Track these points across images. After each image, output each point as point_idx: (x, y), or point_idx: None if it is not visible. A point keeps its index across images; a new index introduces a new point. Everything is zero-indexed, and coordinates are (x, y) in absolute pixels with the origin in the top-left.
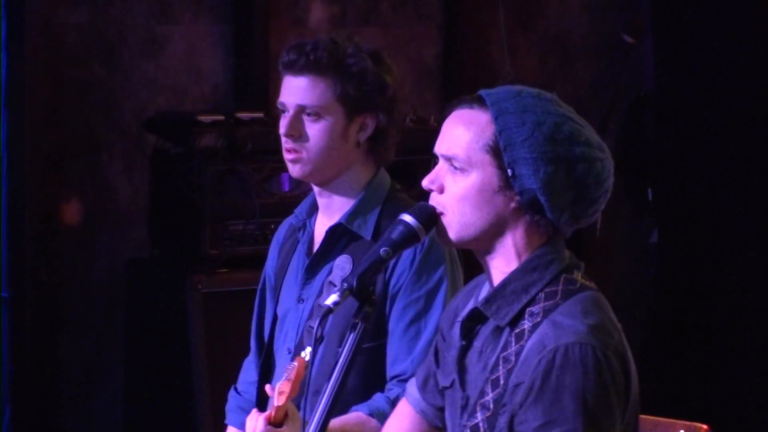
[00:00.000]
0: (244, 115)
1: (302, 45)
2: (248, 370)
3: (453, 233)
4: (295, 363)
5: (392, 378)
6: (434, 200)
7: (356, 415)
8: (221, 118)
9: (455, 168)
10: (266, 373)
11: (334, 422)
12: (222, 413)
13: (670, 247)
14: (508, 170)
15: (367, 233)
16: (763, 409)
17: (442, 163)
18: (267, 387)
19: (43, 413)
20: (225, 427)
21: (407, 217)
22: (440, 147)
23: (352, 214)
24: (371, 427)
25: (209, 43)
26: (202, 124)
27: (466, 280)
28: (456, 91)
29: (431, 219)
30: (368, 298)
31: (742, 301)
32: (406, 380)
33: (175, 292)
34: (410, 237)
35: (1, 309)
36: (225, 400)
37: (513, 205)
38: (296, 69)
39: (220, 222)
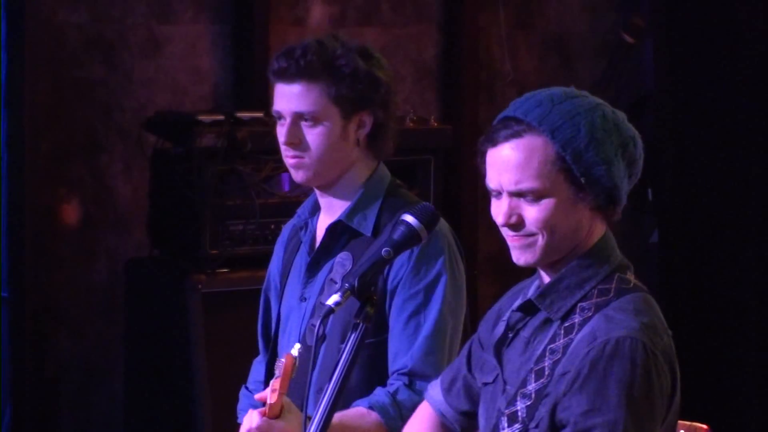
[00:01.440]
0: (244, 115)
1: (290, 51)
2: (258, 370)
3: (544, 255)
4: (283, 359)
5: (393, 372)
6: (519, 233)
7: (356, 409)
8: (221, 118)
9: (531, 199)
10: (272, 374)
11: (334, 417)
12: (222, 412)
13: (670, 247)
14: (582, 179)
15: (367, 230)
16: (763, 409)
17: (508, 197)
18: (257, 396)
19: (43, 413)
20: (237, 426)
21: (409, 218)
22: (505, 183)
23: (352, 211)
24: (371, 420)
25: (209, 43)
26: (202, 124)
27: (468, 275)
28: (456, 91)
29: (433, 219)
30: (369, 299)
31: (742, 301)
32: (406, 374)
33: (175, 292)
34: (412, 237)
35: (1, 309)
36: (225, 400)
37: (590, 207)
38: (288, 76)
39: (220, 222)
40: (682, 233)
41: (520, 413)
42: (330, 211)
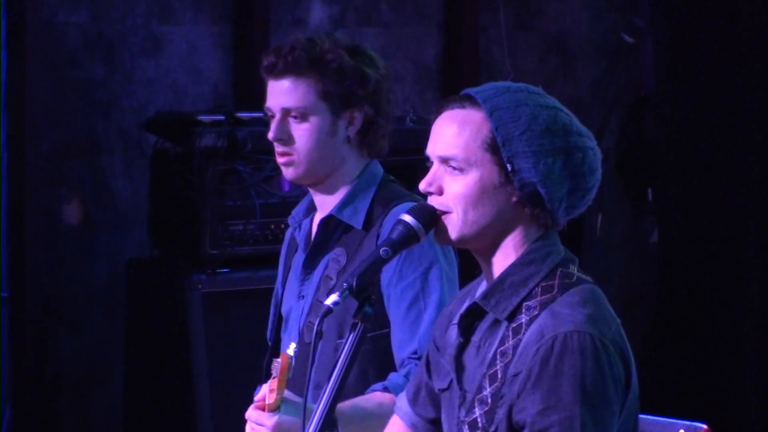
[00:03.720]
0: (244, 115)
1: (279, 48)
2: None
3: (455, 232)
4: (279, 360)
5: (402, 359)
6: (434, 202)
7: (371, 394)
8: (221, 118)
9: (453, 168)
10: (268, 372)
11: (347, 402)
12: (222, 412)
13: (670, 247)
14: (508, 165)
15: (357, 222)
16: (763, 409)
17: (437, 165)
18: (256, 397)
19: (43, 413)
20: (238, 425)
21: (407, 218)
22: (435, 149)
23: (342, 205)
24: (386, 399)
25: (209, 43)
26: (202, 124)
27: (461, 275)
28: (456, 91)
29: (431, 219)
30: (368, 299)
31: (742, 300)
32: (417, 357)
33: (175, 292)
34: (410, 237)
35: (1, 309)
36: (226, 400)
37: (514, 199)
38: (276, 72)
39: (220, 222)
40: (682, 233)
41: (479, 420)
42: (323, 208)
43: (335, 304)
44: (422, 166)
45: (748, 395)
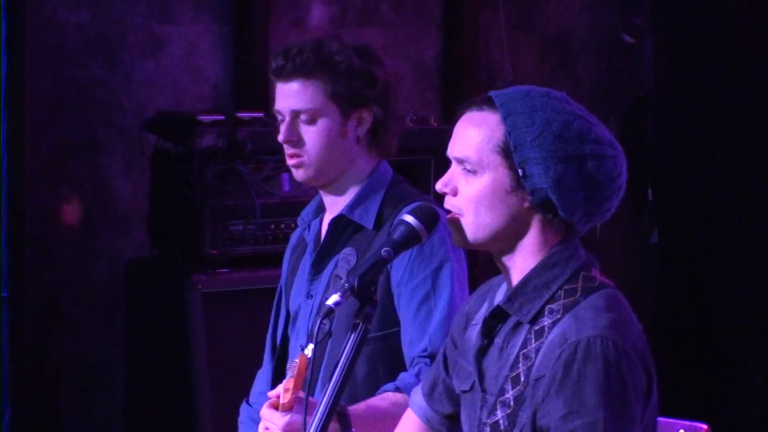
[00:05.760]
0: (244, 115)
1: (288, 50)
2: (260, 383)
3: (469, 234)
4: (296, 360)
5: (413, 358)
6: (449, 203)
7: (383, 394)
8: (221, 118)
9: (468, 170)
10: (279, 373)
11: (361, 404)
12: (222, 412)
13: (670, 247)
14: (519, 170)
15: (368, 222)
16: (763, 409)
17: (454, 166)
18: (270, 393)
19: (43, 413)
20: (237, 427)
21: (409, 218)
22: (452, 150)
23: (353, 205)
24: (398, 399)
25: (209, 43)
26: (202, 124)
27: (468, 275)
28: (456, 91)
29: (433, 219)
30: (370, 298)
31: (742, 300)
32: (427, 356)
33: (175, 292)
34: (412, 237)
35: (1, 309)
36: (226, 400)
37: (526, 204)
38: (285, 75)
39: (220, 222)
40: (682, 233)
41: (501, 422)
42: (333, 209)
43: (337, 304)
44: (422, 166)
45: (748, 395)
